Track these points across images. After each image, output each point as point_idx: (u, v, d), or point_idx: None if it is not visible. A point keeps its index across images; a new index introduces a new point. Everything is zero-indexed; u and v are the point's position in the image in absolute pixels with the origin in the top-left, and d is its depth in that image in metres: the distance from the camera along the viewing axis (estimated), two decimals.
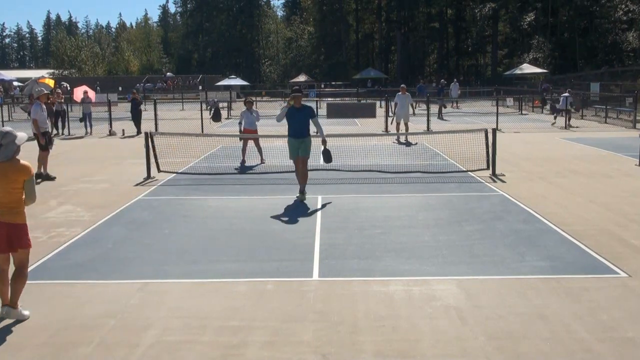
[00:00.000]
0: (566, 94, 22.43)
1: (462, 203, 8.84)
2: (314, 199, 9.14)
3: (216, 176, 11.45)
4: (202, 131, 20.97)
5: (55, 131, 19.85)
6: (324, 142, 9.45)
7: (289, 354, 4.12)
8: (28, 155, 14.47)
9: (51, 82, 28.08)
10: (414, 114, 18.28)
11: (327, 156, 9.59)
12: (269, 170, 12.04)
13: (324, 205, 8.74)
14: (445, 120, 25.86)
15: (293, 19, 78.32)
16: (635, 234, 7.02)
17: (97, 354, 4.16)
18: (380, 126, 21.27)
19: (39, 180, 11.05)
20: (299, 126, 9.13)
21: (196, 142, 15.57)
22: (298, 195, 9.21)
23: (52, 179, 11.36)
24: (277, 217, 8.09)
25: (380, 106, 26.90)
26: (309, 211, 8.40)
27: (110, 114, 22.33)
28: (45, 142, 11.38)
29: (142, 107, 22.78)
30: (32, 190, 4.70)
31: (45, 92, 12.26)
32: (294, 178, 11.25)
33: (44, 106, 11.76)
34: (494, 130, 11.44)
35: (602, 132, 19.69)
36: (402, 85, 18.94)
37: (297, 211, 8.41)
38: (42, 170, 11.31)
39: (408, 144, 16.85)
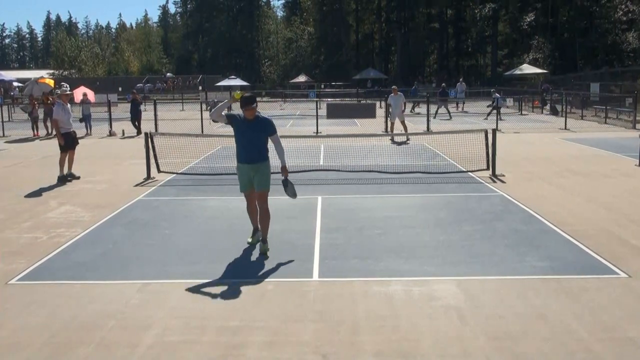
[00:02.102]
0: (497, 95, 26.74)
1: (462, 203, 8.84)
2: (314, 199, 9.14)
3: (216, 176, 11.45)
4: (202, 131, 20.98)
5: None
6: (283, 170, 6.58)
7: (289, 354, 4.12)
8: (55, 154, 14.48)
9: (51, 83, 28.08)
10: (409, 110, 18.83)
11: (290, 190, 6.75)
12: None
13: (324, 206, 8.74)
14: (447, 120, 25.88)
15: (293, 19, 78.30)
16: (635, 234, 7.03)
17: (98, 354, 4.16)
18: (380, 126, 21.29)
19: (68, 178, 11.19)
20: (251, 147, 6.40)
21: (196, 142, 15.58)
22: (250, 239, 6.84)
23: (76, 177, 11.42)
24: (277, 217, 8.07)
25: (380, 106, 26.92)
26: (308, 211, 8.40)
27: (110, 115, 22.34)
28: (65, 143, 11.33)
29: (142, 107, 22.79)
30: None
31: (68, 92, 12.18)
32: (293, 178, 11.19)
33: (68, 106, 11.70)
34: (494, 131, 11.45)
35: (602, 133, 19.69)
36: (393, 87, 19.85)
37: (297, 211, 8.41)
38: (63, 172, 11.32)
39: (406, 142, 17.04)
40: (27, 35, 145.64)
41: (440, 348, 4.17)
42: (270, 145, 6.53)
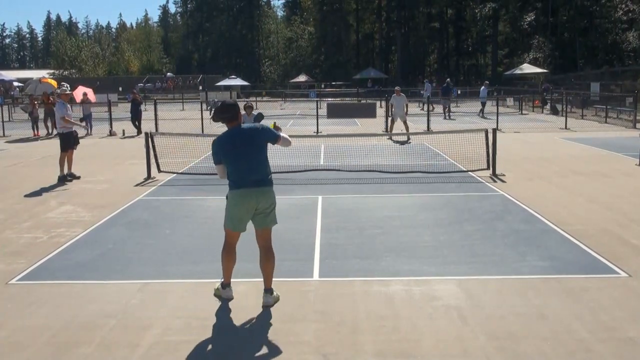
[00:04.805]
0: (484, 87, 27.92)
1: (462, 203, 8.84)
2: (314, 199, 9.14)
3: (216, 176, 11.40)
4: (203, 131, 20.96)
5: (55, 131, 19.84)
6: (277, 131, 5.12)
7: (290, 354, 4.12)
8: (55, 154, 14.48)
9: (54, 83, 28.11)
10: (407, 112, 18.92)
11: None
12: None
13: (324, 205, 8.74)
14: (452, 119, 25.86)
15: (293, 19, 78.29)
16: (636, 234, 7.02)
17: (98, 354, 4.16)
18: (381, 126, 21.29)
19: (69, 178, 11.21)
20: (252, 163, 4.93)
21: (196, 142, 15.56)
22: (218, 289, 5.22)
23: (77, 177, 11.41)
24: (277, 217, 8.05)
25: (381, 106, 26.92)
26: (309, 211, 8.40)
27: (110, 115, 22.33)
28: (66, 143, 11.29)
29: (142, 107, 22.79)
30: None
31: (68, 92, 12.17)
32: (294, 178, 11.29)
33: (68, 105, 11.67)
34: (494, 130, 11.44)
35: (602, 132, 19.68)
36: (396, 88, 19.90)
37: (297, 211, 8.41)
38: (63, 172, 11.31)
39: (407, 142, 17.09)
40: (27, 35, 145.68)
41: (440, 348, 4.17)
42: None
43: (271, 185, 5.05)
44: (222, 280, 5.22)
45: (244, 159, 4.89)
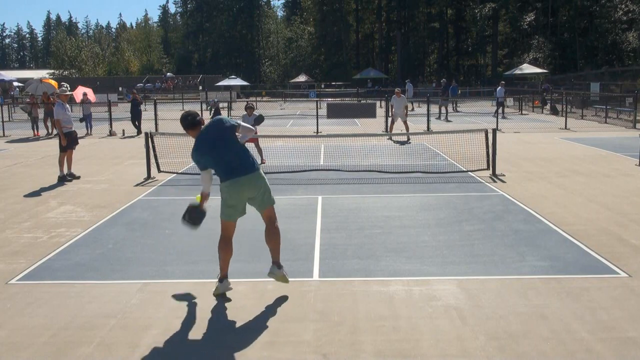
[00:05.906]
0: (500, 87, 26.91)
1: (462, 203, 8.84)
2: (314, 199, 9.14)
3: (216, 177, 11.42)
4: None
5: (55, 131, 19.83)
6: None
7: (290, 354, 4.12)
8: (55, 154, 14.44)
9: (54, 84, 28.14)
10: (406, 113, 18.94)
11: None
12: (268, 170, 12.03)
13: (324, 205, 8.74)
14: (449, 120, 25.87)
15: (293, 19, 78.34)
16: (635, 234, 7.02)
17: (98, 354, 4.16)
18: (381, 126, 21.30)
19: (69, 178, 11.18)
20: (233, 152, 5.16)
21: None
22: (217, 290, 5.21)
23: (76, 177, 11.41)
24: (277, 217, 8.06)
25: (381, 106, 26.91)
26: (309, 211, 8.40)
27: (110, 114, 22.34)
28: (67, 143, 11.29)
29: (142, 107, 22.79)
30: None
31: (68, 92, 12.14)
32: (294, 178, 11.30)
33: (67, 106, 11.66)
34: (494, 131, 11.44)
35: (602, 132, 19.69)
36: (396, 89, 20.06)
37: (297, 211, 8.41)
38: (63, 172, 11.30)
39: (407, 142, 17.11)
40: (27, 35, 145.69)
41: (440, 348, 4.17)
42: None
43: (258, 169, 5.23)
44: (219, 275, 5.23)
45: (224, 151, 5.13)
